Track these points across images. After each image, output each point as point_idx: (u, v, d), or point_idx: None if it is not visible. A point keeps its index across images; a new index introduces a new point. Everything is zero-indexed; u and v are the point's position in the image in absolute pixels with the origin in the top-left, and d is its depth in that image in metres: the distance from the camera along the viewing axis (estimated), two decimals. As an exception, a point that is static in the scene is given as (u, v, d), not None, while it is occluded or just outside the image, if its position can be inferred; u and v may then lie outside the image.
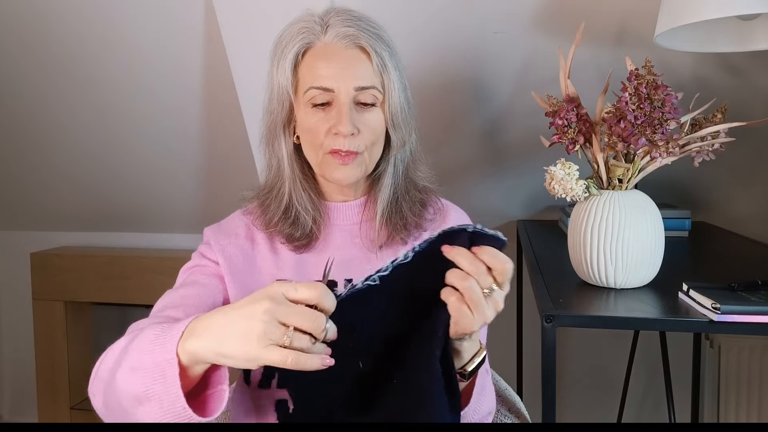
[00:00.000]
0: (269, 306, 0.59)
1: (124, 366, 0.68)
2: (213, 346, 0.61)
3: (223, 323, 0.61)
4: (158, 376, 0.64)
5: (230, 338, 0.60)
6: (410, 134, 0.91)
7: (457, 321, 0.66)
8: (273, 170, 0.92)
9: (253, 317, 0.59)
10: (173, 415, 0.64)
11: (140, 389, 0.65)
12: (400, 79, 0.87)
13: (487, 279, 0.64)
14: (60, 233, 2.33)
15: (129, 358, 0.68)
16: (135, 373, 0.66)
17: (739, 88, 1.42)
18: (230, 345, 0.60)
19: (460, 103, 1.56)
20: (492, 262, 0.64)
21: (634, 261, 0.95)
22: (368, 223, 0.93)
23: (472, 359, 0.74)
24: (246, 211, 0.96)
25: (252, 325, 0.59)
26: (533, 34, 1.38)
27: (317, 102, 0.84)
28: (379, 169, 0.92)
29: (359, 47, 0.84)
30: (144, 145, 1.85)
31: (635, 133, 0.90)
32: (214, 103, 1.68)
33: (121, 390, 0.67)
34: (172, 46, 1.55)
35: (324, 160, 0.86)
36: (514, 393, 1.12)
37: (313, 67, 0.84)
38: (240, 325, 0.59)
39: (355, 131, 0.84)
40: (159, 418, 0.65)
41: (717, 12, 0.97)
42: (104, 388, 0.71)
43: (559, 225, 1.67)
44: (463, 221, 0.97)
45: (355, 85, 0.83)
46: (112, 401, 0.70)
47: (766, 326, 0.82)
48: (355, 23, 0.84)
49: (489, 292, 0.64)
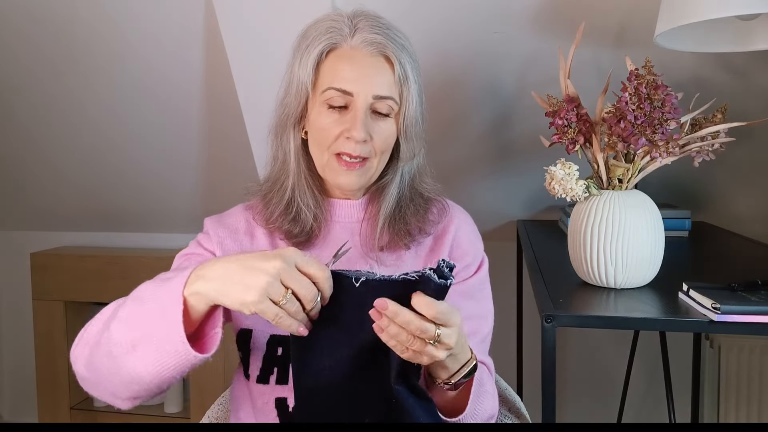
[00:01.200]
0: (280, 266, 0.64)
1: (121, 316, 0.71)
2: (217, 287, 0.67)
3: (232, 269, 0.66)
4: (158, 318, 0.68)
5: (235, 284, 0.65)
6: (420, 147, 0.91)
7: (411, 360, 0.68)
8: (278, 163, 0.92)
9: (261, 272, 0.64)
10: (170, 354, 0.67)
11: (137, 333, 0.69)
12: (419, 93, 0.88)
13: (428, 332, 0.64)
14: (60, 233, 2.33)
15: (126, 308, 0.72)
16: (132, 318, 0.70)
17: (739, 88, 1.42)
18: (233, 290, 0.65)
19: (459, 103, 1.56)
20: (425, 312, 0.64)
21: (634, 261, 0.95)
22: (369, 222, 0.93)
23: (461, 369, 0.74)
24: (248, 206, 0.96)
25: (259, 278, 0.64)
26: (533, 34, 1.38)
27: (334, 103, 0.84)
28: (385, 179, 0.92)
29: (384, 56, 0.84)
30: (144, 145, 1.85)
31: (635, 133, 0.90)
32: (215, 103, 1.68)
33: (115, 338, 0.70)
34: (173, 45, 1.55)
35: (329, 163, 0.86)
36: (514, 393, 1.11)
37: (336, 68, 0.84)
38: (247, 275, 0.65)
39: (368, 138, 0.84)
40: (152, 362, 0.68)
41: (717, 12, 0.97)
42: (91, 348, 0.73)
43: (559, 225, 1.67)
44: (466, 222, 0.97)
45: (375, 93, 0.83)
46: (99, 356, 0.72)
47: (766, 326, 0.82)
48: (383, 31, 0.84)
49: (437, 338, 0.65)
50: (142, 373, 0.69)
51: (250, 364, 0.86)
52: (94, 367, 0.73)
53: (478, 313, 0.92)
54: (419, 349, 0.65)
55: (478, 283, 0.94)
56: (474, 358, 0.76)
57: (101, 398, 0.76)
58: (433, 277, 0.64)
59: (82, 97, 1.74)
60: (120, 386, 0.72)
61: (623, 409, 1.84)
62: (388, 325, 0.64)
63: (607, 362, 1.96)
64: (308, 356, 0.71)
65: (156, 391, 0.73)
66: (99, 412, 2.20)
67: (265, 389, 0.84)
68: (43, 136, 1.89)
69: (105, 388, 0.74)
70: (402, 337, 0.64)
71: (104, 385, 0.74)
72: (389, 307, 0.64)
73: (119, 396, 0.74)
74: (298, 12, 1.32)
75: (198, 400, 2.03)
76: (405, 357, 0.67)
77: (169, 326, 0.67)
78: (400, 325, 0.64)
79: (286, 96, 0.89)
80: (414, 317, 0.64)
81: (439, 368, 0.73)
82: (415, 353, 0.66)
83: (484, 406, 0.83)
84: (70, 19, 1.53)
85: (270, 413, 0.84)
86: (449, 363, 0.72)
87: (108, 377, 0.72)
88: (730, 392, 1.72)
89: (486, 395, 0.84)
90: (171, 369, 0.68)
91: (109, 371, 0.71)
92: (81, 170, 1.99)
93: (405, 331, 0.64)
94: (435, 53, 1.44)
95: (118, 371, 0.70)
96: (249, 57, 1.49)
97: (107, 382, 0.73)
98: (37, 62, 1.66)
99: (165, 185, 1.98)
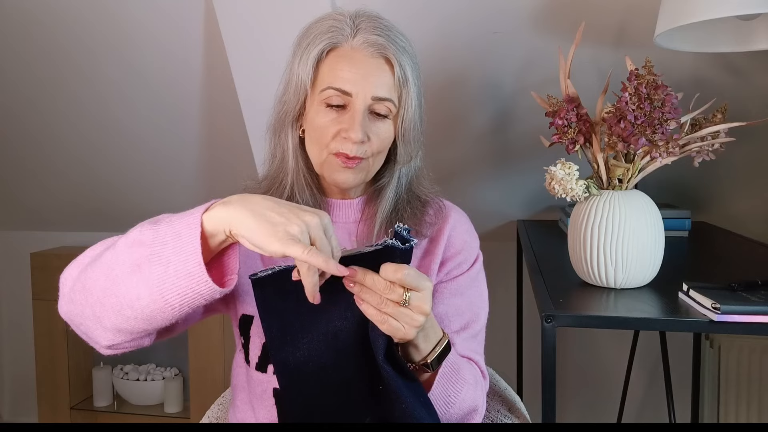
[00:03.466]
0: (314, 222, 0.65)
1: (129, 238, 0.69)
2: (245, 217, 0.65)
3: (264, 206, 0.66)
4: (170, 240, 0.66)
5: (264, 223, 0.64)
6: (418, 150, 0.91)
7: (392, 334, 0.70)
8: (277, 161, 0.92)
9: (295, 220, 0.64)
10: (180, 276, 0.65)
11: (144, 254, 0.66)
12: (418, 96, 0.88)
13: (395, 292, 0.67)
14: (60, 233, 2.33)
15: (135, 232, 0.69)
16: (143, 240, 0.67)
17: (739, 88, 1.42)
18: (261, 226, 0.64)
19: (459, 103, 1.56)
20: (391, 277, 0.67)
21: (634, 261, 0.95)
22: (366, 223, 0.93)
23: (434, 349, 0.76)
24: None
25: (291, 223, 0.64)
26: (533, 34, 1.38)
27: (332, 103, 0.84)
28: (382, 181, 0.92)
29: (384, 57, 0.84)
30: (144, 145, 1.85)
31: (635, 133, 0.90)
32: (214, 103, 1.68)
33: (120, 258, 0.67)
34: (172, 45, 1.55)
35: (327, 161, 0.86)
36: (514, 393, 1.11)
37: (336, 68, 0.84)
38: (279, 217, 0.64)
39: (365, 139, 0.84)
40: (156, 281, 0.65)
41: (717, 12, 0.97)
42: (85, 267, 0.71)
43: (559, 225, 1.67)
44: (461, 222, 0.97)
45: (373, 94, 0.83)
46: (95, 274, 0.69)
47: (766, 326, 0.82)
48: (385, 33, 0.84)
49: (407, 301, 0.67)
50: (143, 293, 0.66)
51: (250, 351, 0.86)
52: (86, 286, 0.70)
53: (468, 308, 0.92)
54: (393, 312, 0.68)
55: (469, 280, 0.94)
56: (446, 336, 0.78)
57: (81, 325, 0.72)
58: (396, 243, 0.67)
59: (82, 98, 1.74)
60: (110, 310, 0.68)
61: (623, 409, 1.84)
62: (360, 291, 0.68)
63: (607, 362, 1.96)
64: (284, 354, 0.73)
65: (143, 328, 0.69)
66: (99, 412, 2.20)
67: (263, 377, 0.85)
68: (43, 136, 1.89)
69: (91, 311, 0.70)
70: (374, 299, 0.67)
71: (91, 307, 0.69)
72: (357, 273, 0.67)
73: (102, 322, 0.70)
74: (297, 12, 1.32)
75: (198, 400, 2.03)
76: (384, 329, 0.69)
77: (183, 246, 0.65)
78: (369, 287, 0.67)
79: (285, 93, 0.89)
80: (378, 278, 0.67)
81: (413, 350, 0.75)
82: (394, 325, 0.68)
83: (461, 395, 0.81)
84: (70, 20, 1.53)
85: (267, 401, 0.84)
86: (421, 343, 0.74)
87: (100, 298, 0.68)
88: (730, 392, 1.72)
89: (463, 383, 0.82)
90: (175, 295, 0.66)
91: (104, 291, 0.68)
92: (81, 170, 1.99)
93: (376, 294, 0.67)
94: (435, 53, 1.44)
95: (114, 292, 0.67)
96: (249, 57, 1.49)
97: (96, 303, 0.69)
98: (36, 62, 1.66)
99: (165, 185, 1.98)
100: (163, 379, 2.19)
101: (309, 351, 0.72)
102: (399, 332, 0.69)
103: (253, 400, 0.86)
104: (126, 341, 0.72)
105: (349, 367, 0.73)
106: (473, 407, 0.85)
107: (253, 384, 0.86)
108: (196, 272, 0.65)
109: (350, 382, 0.74)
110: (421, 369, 0.76)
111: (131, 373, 2.21)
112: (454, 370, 0.81)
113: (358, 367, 0.73)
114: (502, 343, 1.91)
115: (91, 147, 1.89)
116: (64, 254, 2.14)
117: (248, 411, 0.88)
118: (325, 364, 0.73)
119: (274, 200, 0.68)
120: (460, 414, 0.83)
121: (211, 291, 0.66)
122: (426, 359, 0.76)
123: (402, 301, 0.67)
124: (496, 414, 1.07)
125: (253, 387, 0.86)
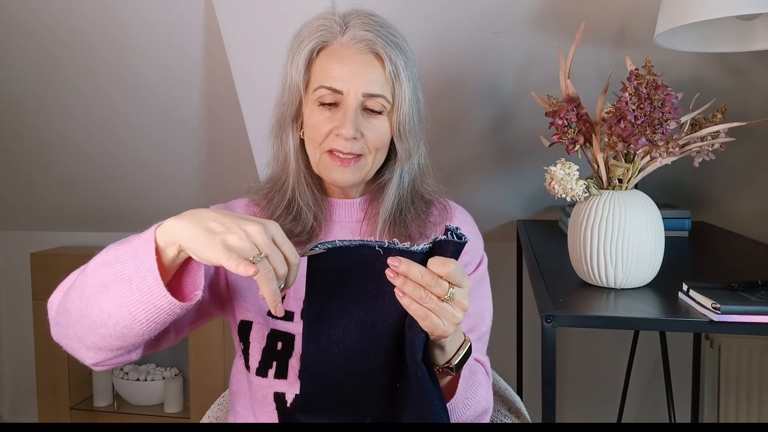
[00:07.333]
0: (254, 230, 0.64)
1: (98, 258, 0.71)
2: (188, 229, 0.65)
3: (208, 217, 0.66)
4: (130, 258, 0.67)
5: (203, 233, 0.64)
6: (418, 147, 0.90)
7: (431, 330, 0.67)
8: (279, 162, 0.92)
9: (235, 229, 0.64)
10: (141, 292, 0.66)
11: (110, 271, 0.68)
12: (413, 91, 0.87)
13: (441, 286, 0.65)
14: (60, 233, 2.33)
15: (104, 252, 0.71)
16: (108, 259, 0.69)
17: (739, 88, 1.42)
18: (202, 236, 0.64)
19: (459, 103, 1.56)
20: (438, 271, 0.65)
21: (634, 261, 0.95)
22: (369, 221, 0.93)
23: (458, 352, 0.75)
24: (252, 202, 0.96)
25: (227, 235, 0.64)
26: (533, 34, 1.38)
27: (325, 101, 0.84)
28: (383, 178, 0.92)
29: (374, 53, 0.84)
30: (144, 144, 1.85)
31: (635, 133, 0.90)
32: (214, 102, 1.68)
33: (90, 279, 0.69)
34: (172, 43, 1.55)
35: (322, 159, 0.87)
36: (514, 393, 1.12)
37: (326, 66, 0.84)
38: (219, 229, 0.64)
39: (358, 135, 0.84)
40: (124, 301, 0.67)
41: (717, 12, 0.97)
42: (65, 291, 0.73)
43: (559, 225, 1.67)
44: (465, 222, 0.97)
45: (365, 90, 0.83)
46: (72, 297, 0.71)
47: (766, 326, 0.82)
48: (375, 29, 0.84)
49: (450, 297, 0.66)
50: (112, 311, 0.67)
51: (249, 357, 0.86)
52: (66, 309, 0.72)
53: (474, 311, 0.92)
54: (435, 307, 0.65)
55: (474, 282, 0.94)
56: (468, 339, 0.76)
57: (68, 346, 0.75)
58: (451, 237, 0.66)
59: (82, 97, 1.73)
60: (87, 329, 0.70)
61: (623, 409, 1.84)
62: (403, 283, 0.65)
63: (607, 362, 1.96)
64: (318, 329, 0.71)
65: (120, 345, 0.71)
66: (99, 412, 2.20)
67: (263, 382, 0.85)
68: (43, 135, 1.89)
69: (73, 332, 0.72)
70: (418, 293, 0.65)
71: (72, 328, 0.72)
72: (402, 263, 0.65)
73: (84, 341, 0.72)
74: (297, 12, 1.32)
75: (198, 400, 2.03)
76: (425, 326, 0.67)
77: (141, 263, 0.66)
78: (414, 280, 0.65)
79: (282, 96, 0.89)
80: (426, 270, 0.65)
81: (438, 352, 0.74)
82: (435, 322, 0.66)
83: (477, 397, 0.82)
84: (70, 16, 1.53)
85: (268, 406, 0.84)
86: (447, 344, 0.73)
87: (78, 318, 0.70)
88: (730, 392, 1.72)
89: (479, 386, 0.83)
90: (141, 311, 0.67)
91: (81, 312, 0.70)
92: (81, 171, 1.99)
93: (420, 287, 0.65)
94: (435, 53, 1.44)
95: (89, 312, 0.69)
96: (249, 55, 1.49)
97: (76, 323, 0.71)
98: (35, 62, 1.66)
99: (165, 185, 1.98)
100: (163, 379, 2.19)
101: (343, 332, 0.71)
102: (439, 329, 0.66)
103: (255, 405, 0.86)
104: (109, 359, 0.74)
105: (376, 360, 0.72)
106: (486, 408, 0.86)
107: (254, 389, 0.86)
108: (155, 288, 0.66)
109: (375, 373, 0.72)
110: (444, 372, 0.75)
111: (131, 373, 2.21)
112: (472, 372, 0.81)
113: (386, 362, 0.72)
114: (502, 343, 1.90)
115: (92, 146, 1.89)
116: (64, 254, 2.14)
117: (250, 417, 0.87)
118: (356, 350, 0.71)
119: (220, 212, 0.68)
120: (474, 415, 0.84)
121: (171, 305, 0.67)
122: (450, 362, 0.74)
123: (446, 296, 0.66)
124: (496, 414, 1.07)
125: (254, 392, 0.86)
